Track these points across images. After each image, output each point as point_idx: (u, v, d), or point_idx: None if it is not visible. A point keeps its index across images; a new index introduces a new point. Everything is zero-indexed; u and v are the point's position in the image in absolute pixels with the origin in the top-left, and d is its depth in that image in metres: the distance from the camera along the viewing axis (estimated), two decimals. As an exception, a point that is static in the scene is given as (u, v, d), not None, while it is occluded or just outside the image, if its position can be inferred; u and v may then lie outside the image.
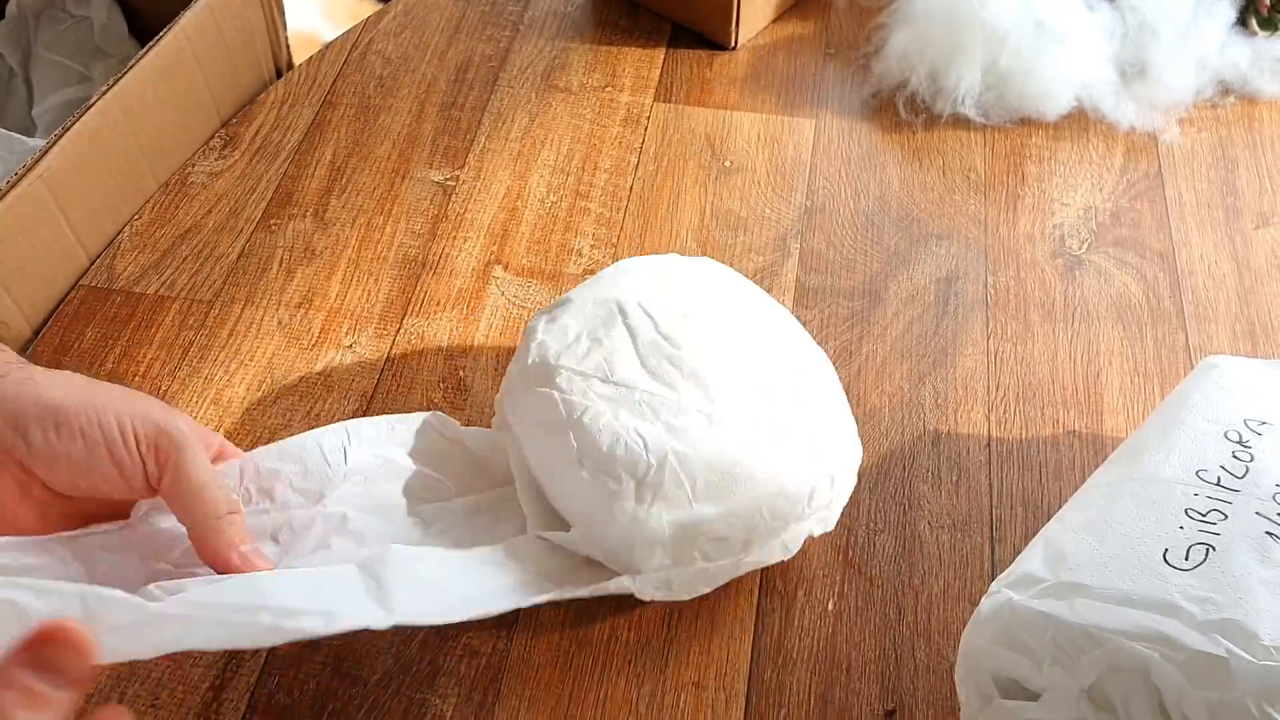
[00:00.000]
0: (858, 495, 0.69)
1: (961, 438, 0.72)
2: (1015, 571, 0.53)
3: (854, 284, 0.81)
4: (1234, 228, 0.84)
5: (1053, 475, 0.70)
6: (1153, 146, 0.90)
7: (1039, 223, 0.84)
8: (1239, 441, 0.56)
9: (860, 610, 0.64)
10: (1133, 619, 0.48)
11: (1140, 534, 0.52)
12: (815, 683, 0.61)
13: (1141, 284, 0.80)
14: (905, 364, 0.76)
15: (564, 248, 0.83)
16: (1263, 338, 0.77)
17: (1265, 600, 0.47)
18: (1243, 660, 0.46)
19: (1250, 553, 0.50)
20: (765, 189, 0.87)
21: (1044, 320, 0.78)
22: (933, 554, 0.66)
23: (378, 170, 0.88)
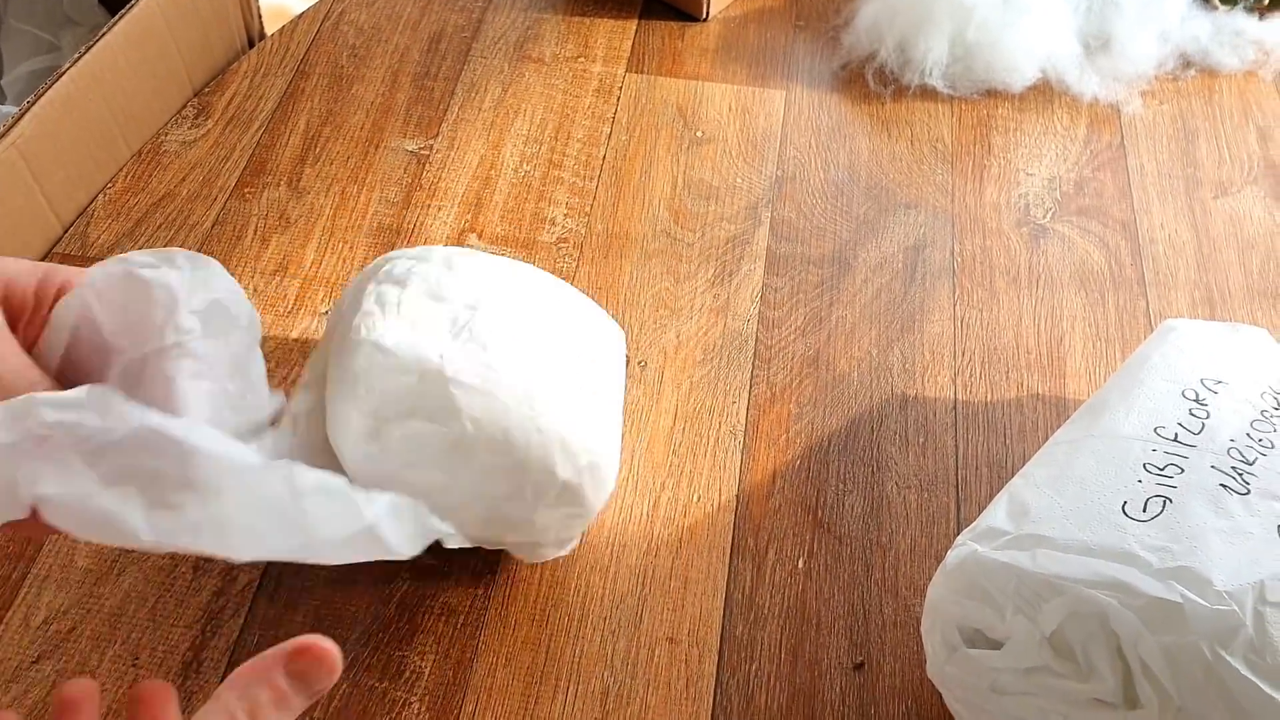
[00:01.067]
0: (827, 457, 0.70)
1: (928, 401, 0.73)
2: (980, 525, 0.55)
3: (824, 252, 0.82)
4: (1194, 197, 0.86)
5: (1017, 436, 0.72)
6: (1115, 118, 0.92)
7: (1004, 192, 0.86)
8: (1196, 400, 0.58)
9: (829, 568, 0.66)
10: (1092, 568, 0.50)
11: (1100, 487, 0.54)
12: (786, 637, 0.63)
13: (1104, 251, 0.82)
14: (874, 329, 0.77)
15: (537, 216, 0.84)
16: (1220, 303, 0.79)
17: (1219, 548, 0.49)
18: (1197, 605, 0.47)
19: (1205, 504, 0.51)
20: (736, 159, 0.88)
21: (1009, 287, 0.80)
22: (900, 513, 0.68)
23: (351, 139, 0.89)
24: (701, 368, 0.75)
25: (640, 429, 0.72)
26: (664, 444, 0.71)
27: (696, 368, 0.75)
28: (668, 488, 0.69)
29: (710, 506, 0.68)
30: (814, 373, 0.75)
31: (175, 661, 0.61)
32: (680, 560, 0.66)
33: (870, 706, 0.60)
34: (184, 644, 0.62)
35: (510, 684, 0.61)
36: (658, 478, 0.70)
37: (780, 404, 0.73)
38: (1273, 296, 0.79)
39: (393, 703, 0.60)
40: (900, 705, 0.60)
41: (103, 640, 0.62)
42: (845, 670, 0.62)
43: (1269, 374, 0.60)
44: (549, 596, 0.64)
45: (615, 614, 0.64)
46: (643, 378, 0.74)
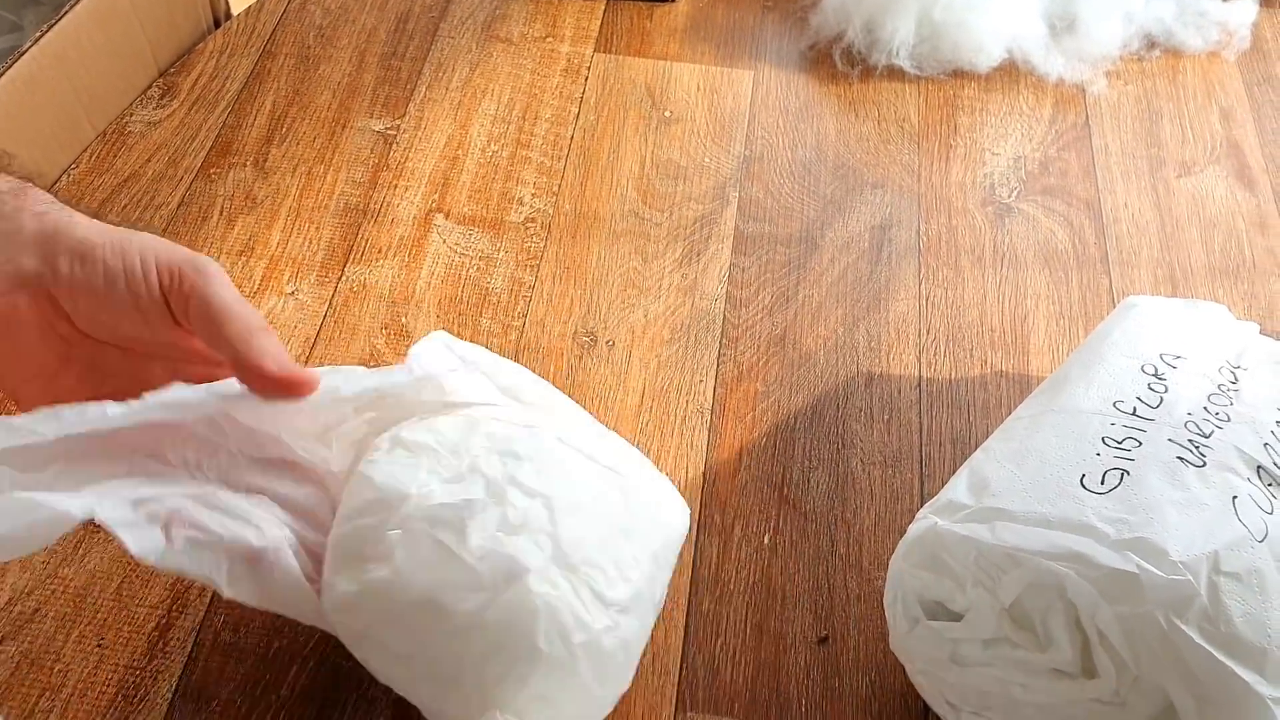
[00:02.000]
0: (793, 435, 0.71)
1: (893, 379, 0.74)
2: (941, 499, 0.56)
3: (791, 231, 0.82)
4: (1157, 177, 0.87)
5: (980, 413, 0.72)
6: (1080, 98, 0.92)
7: (970, 172, 0.87)
8: (1155, 374, 0.58)
9: (795, 543, 0.66)
10: (1050, 540, 0.50)
11: (1059, 461, 0.54)
12: (751, 612, 0.63)
13: (1068, 230, 0.83)
14: (840, 308, 0.78)
15: (505, 196, 0.83)
16: (1182, 281, 0.80)
17: (1175, 519, 0.50)
18: (1153, 575, 0.48)
19: (1162, 476, 0.52)
20: (705, 139, 0.88)
21: (974, 266, 0.80)
22: (864, 489, 0.69)
23: (318, 120, 0.88)
24: (669, 347, 0.75)
25: (608, 408, 0.72)
26: (631, 422, 0.71)
27: (664, 347, 0.75)
28: (635, 466, 0.69)
29: (677, 484, 0.68)
30: (781, 351, 0.75)
31: (141, 642, 0.61)
32: (647, 537, 0.66)
33: (834, 679, 0.61)
34: (149, 624, 0.62)
35: (477, 661, 0.61)
36: (625, 456, 0.70)
37: (747, 382, 0.74)
38: (1233, 275, 0.80)
39: (360, 680, 0.60)
40: (864, 678, 0.61)
41: (67, 621, 0.62)
42: (810, 644, 0.62)
43: (1227, 349, 0.60)
44: (516, 574, 0.64)
45: (582, 591, 0.64)
46: (610, 357, 0.75)
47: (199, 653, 0.61)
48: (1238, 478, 0.52)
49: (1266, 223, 0.83)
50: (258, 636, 0.62)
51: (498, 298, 0.77)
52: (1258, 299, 0.79)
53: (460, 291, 0.78)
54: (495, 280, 0.78)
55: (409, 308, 0.77)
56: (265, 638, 0.61)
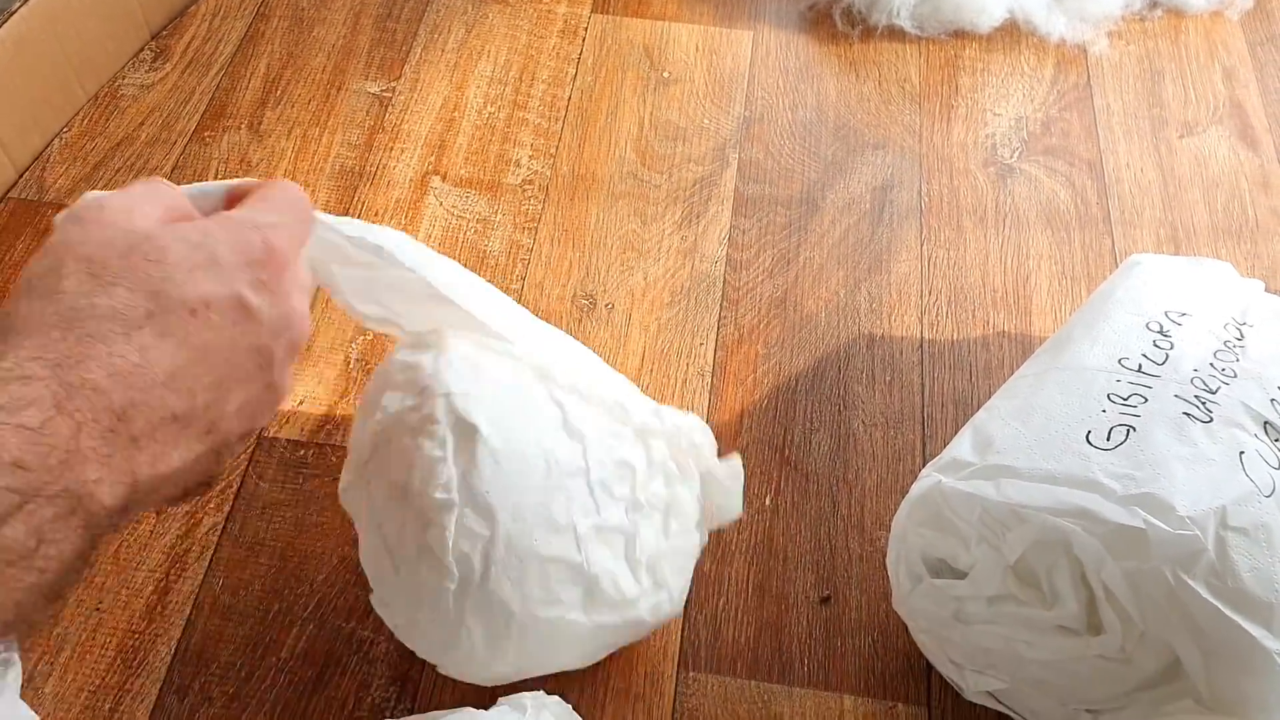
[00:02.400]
0: (794, 396, 0.70)
1: (895, 340, 0.73)
2: (944, 457, 0.55)
3: (792, 193, 0.82)
4: (1159, 137, 0.86)
5: (983, 374, 0.72)
6: (1082, 58, 0.91)
7: (972, 132, 0.86)
8: (1160, 331, 0.58)
9: (796, 504, 0.66)
10: (1056, 496, 0.50)
11: (1064, 418, 0.54)
12: (754, 573, 0.63)
13: (1070, 191, 0.82)
14: (842, 270, 0.77)
15: (502, 158, 0.83)
16: (1185, 241, 0.79)
17: (1181, 475, 0.50)
18: (1160, 530, 0.48)
19: (1168, 432, 0.52)
20: (704, 100, 0.87)
21: (976, 226, 0.80)
22: (866, 450, 0.68)
23: (313, 82, 0.87)
24: (669, 309, 0.75)
25: (607, 370, 0.71)
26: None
27: (664, 310, 0.75)
28: (635, 428, 0.69)
29: (678, 446, 0.68)
30: (781, 313, 0.75)
31: (139, 605, 0.61)
32: (648, 499, 0.66)
33: (836, 639, 0.60)
34: (148, 588, 0.62)
35: (478, 622, 0.61)
36: (625, 418, 0.69)
37: (748, 345, 0.73)
38: (1236, 234, 0.80)
39: (360, 642, 0.60)
40: (866, 637, 0.60)
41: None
42: (812, 604, 0.62)
43: (1232, 306, 0.60)
44: (517, 536, 0.64)
45: (583, 553, 0.63)
46: (610, 320, 0.74)
47: (198, 616, 0.61)
48: (1244, 433, 0.52)
49: (1269, 182, 0.83)
50: (257, 599, 0.61)
51: (495, 260, 0.77)
52: (1261, 258, 0.78)
53: (457, 254, 0.77)
54: (493, 243, 0.78)
55: (406, 271, 0.76)
56: (264, 600, 0.61)
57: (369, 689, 0.58)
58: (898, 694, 0.59)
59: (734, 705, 0.58)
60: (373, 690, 0.58)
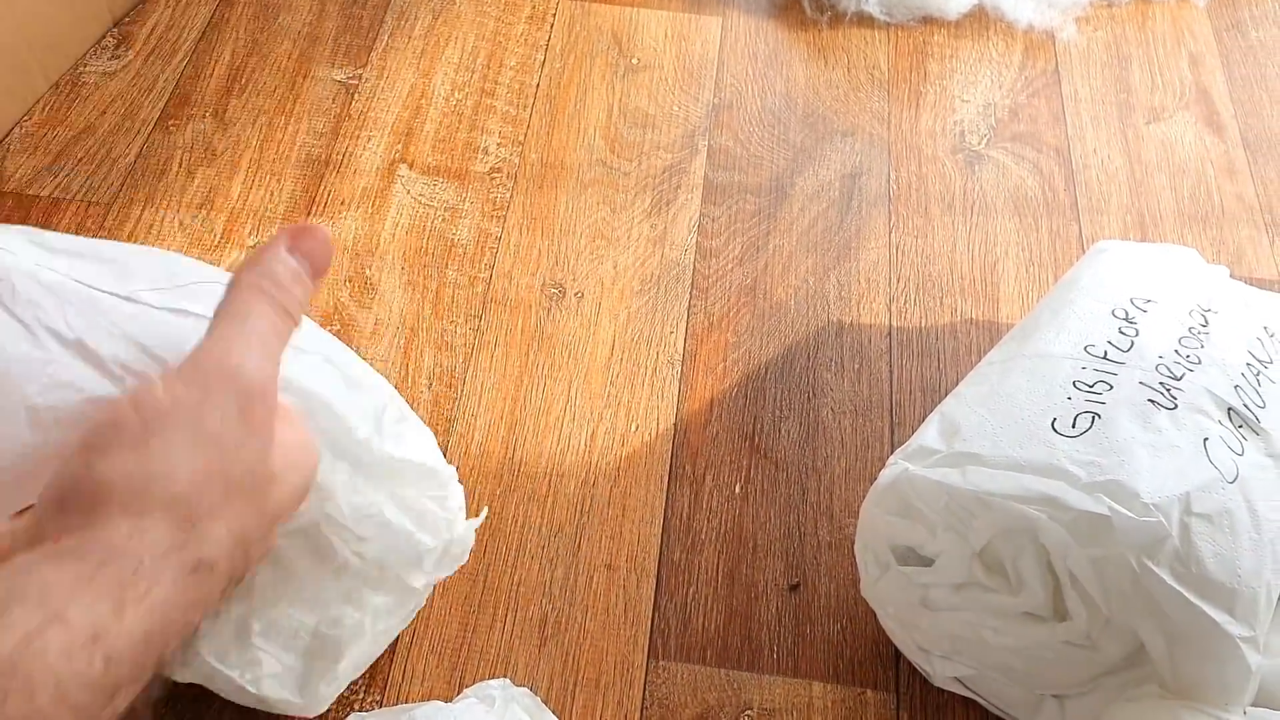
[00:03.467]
0: (764, 384, 0.70)
1: (864, 328, 0.74)
2: (912, 444, 0.55)
3: (761, 180, 0.81)
4: (1126, 123, 0.86)
5: (950, 362, 0.72)
6: (1050, 45, 0.92)
7: (940, 119, 0.86)
8: (1125, 318, 0.58)
9: (766, 492, 0.66)
10: (1022, 483, 0.50)
11: (1030, 405, 0.54)
12: (723, 561, 0.63)
13: (1038, 177, 0.82)
14: (811, 258, 0.77)
15: (470, 146, 0.82)
16: (1151, 227, 0.79)
17: (1146, 461, 0.50)
18: (1124, 517, 0.48)
19: (1133, 419, 0.52)
20: (673, 87, 0.87)
21: (944, 214, 0.80)
22: (835, 438, 0.68)
23: (278, 70, 0.87)
24: (639, 298, 0.75)
25: (577, 360, 0.71)
26: (601, 375, 0.71)
27: (634, 298, 0.75)
28: (605, 418, 0.69)
29: (648, 435, 0.68)
30: (751, 301, 0.75)
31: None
32: (618, 489, 0.66)
33: (806, 626, 0.61)
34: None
35: (447, 613, 0.61)
36: (595, 408, 0.69)
37: (718, 333, 0.73)
38: (1202, 220, 0.80)
39: (329, 635, 0.60)
40: (835, 624, 0.61)
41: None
42: (781, 591, 0.62)
43: (1197, 293, 0.60)
44: (485, 528, 0.64)
45: (553, 543, 0.63)
46: (579, 309, 0.74)
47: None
48: (1209, 420, 0.52)
49: (1235, 168, 0.83)
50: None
51: (464, 249, 0.76)
52: (1226, 244, 0.79)
53: (425, 243, 0.76)
54: (461, 231, 0.77)
55: (374, 260, 0.75)
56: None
57: (338, 681, 0.58)
58: (866, 680, 0.59)
59: (703, 693, 0.58)
60: (341, 683, 0.58)
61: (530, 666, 0.59)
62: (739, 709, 0.58)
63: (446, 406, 0.69)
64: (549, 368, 0.71)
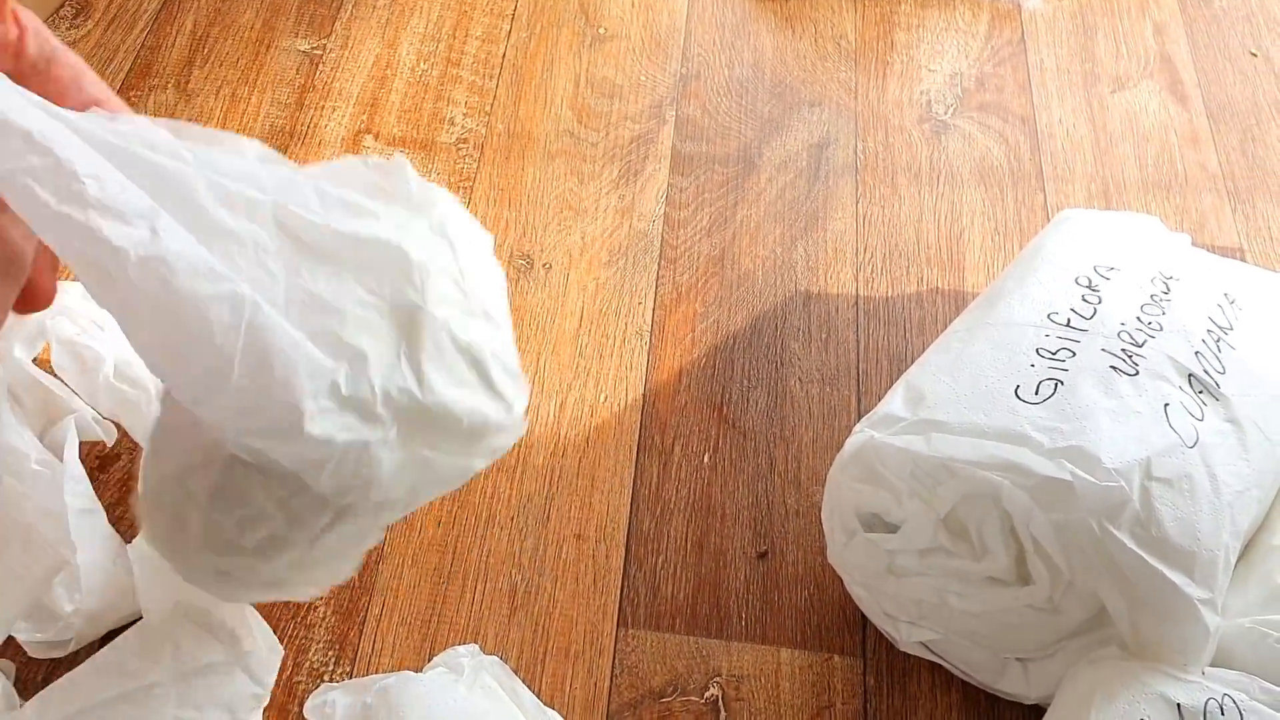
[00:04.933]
0: (732, 355, 0.71)
1: (831, 297, 0.74)
2: (877, 413, 0.56)
3: (729, 151, 0.81)
4: (1091, 92, 0.87)
5: (916, 330, 0.72)
6: (1016, 14, 0.92)
7: (907, 89, 0.86)
8: (1088, 286, 0.59)
9: (734, 461, 0.66)
10: (985, 450, 0.51)
11: (994, 373, 0.54)
12: (691, 530, 0.63)
13: (1003, 147, 0.83)
14: (778, 228, 0.77)
15: (436, 116, 0.82)
16: (1116, 195, 0.80)
17: (1108, 427, 0.50)
18: (1086, 482, 0.49)
19: (1095, 385, 0.52)
20: (640, 56, 0.87)
21: (911, 183, 0.80)
22: (802, 407, 0.69)
23: (241, 40, 0.86)
24: (607, 269, 0.75)
25: (546, 332, 0.71)
26: (570, 346, 0.71)
27: (602, 269, 0.74)
28: (574, 389, 0.69)
29: (617, 406, 0.68)
30: (719, 272, 0.75)
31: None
32: (587, 459, 0.66)
33: (774, 593, 0.61)
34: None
35: (417, 584, 0.61)
36: (564, 379, 0.69)
37: (686, 304, 0.73)
38: (1166, 188, 0.81)
39: (297, 607, 0.60)
40: (803, 591, 0.61)
41: None
42: (749, 559, 0.62)
43: (1159, 260, 0.61)
44: (455, 499, 0.64)
45: (522, 514, 0.64)
46: (547, 280, 0.74)
47: (132, 584, 0.60)
48: (1169, 385, 0.53)
49: (1198, 137, 0.84)
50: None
51: (431, 221, 0.76)
52: (1189, 212, 0.80)
53: (392, 215, 0.76)
54: (428, 203, 0.77)
55: (340, 232, 0.75)
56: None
57: (307, 654, 0.58)
58: (834, 646, 0.60)
59: (672, 661, 0.59)
60: (311, 655, 0.58)
61: (500, 636, 0.59)
62: (708, 676, 0.58)
63: (414, 378, 0.68)
64: (517, 339, 0.70)
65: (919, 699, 0.58)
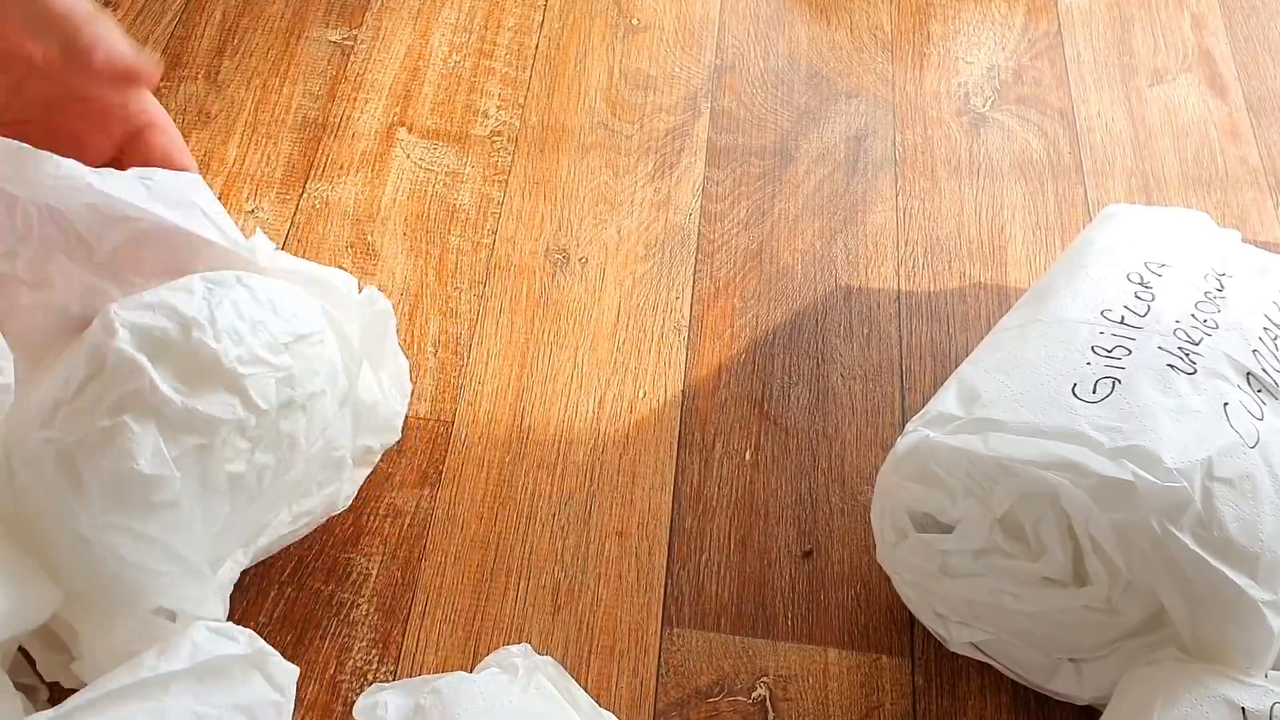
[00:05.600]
0: (772, 350, 0.70)
1: (872, 292, 0.73)
2: (930, 411, 0.55)
3: (765, 143, 0.81)
4: (1130, 85, 0.86)
5: (960, 325, 0.72)
6: (1052, 6, 0.91)
7: (944, 81, 0.85)
8: (1140, 283, 0.58)
9: (776, 459, 0.66)
10: (1043, 449, 0.50)
11: (1049, 371, 0.54)
12: (735, 528, 0.63)
13: (1042, 140, 0.82)
14: (817, 221, 0.77)
15: (470, 109, 0.81)
16: (1156, 190, 0.79)
17: (1168, 427, 0.50)
18: (1148, 482, 0.48)
19: (1153, 384, 0.52)
20: (674, 47, 0.86)
21: (950, 176, 0.79)
22: (845, 404, 0.68)
23: (271, 30, 0.85)
24: (644, 263, 0.74)
25: (583, 327, 0.70)
26: (608, 341, 0.70)
27: (639, 263, 0.74)
28: (613, 385, 0.68)
29: (656, 402, 0.68)
30: (757, 266, 0.74)
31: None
32: (627, 456, 0.65)
33: (820, 592, 0.60)
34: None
35: (459, 582, 0.60)
36: (602, 375, 0.69)
37: (724, 298, 0.73)
38: (1206, 183, 0.80)
39: (340, 604, 0.59)
40: (849, 590, 0.61)
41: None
42: (794, 558, 0.62)
43: (1210, 256, 0.60)
44: (496, 495, 0.63)
45: (564, 510, 0.63)
46: (584, 275, 0.73)
47: (172, 581, 0.59)
48: (1228, 384, 0.52)
49: (1238, 131, 0.83)
50: (233, 563, 0.60)
51: (466, 214, 0.75)
52: (1230, 207, 0.79)
53: (427, 208, 0.75)
54: (462, 196, 0.76)
55: (374, 225, 0.74)
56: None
57: (350, 652, 0.58)
58: (881, 646, 0.59)
59: (718, 660, 0.58)
60: (354, 653, 0.58)
61: (545, 634, 0.59)
62: (755, 675, 0.58)
63: (453, 374, 0.68)
64: (555, 334, 0.70)
65: (968, 699, 0.57)
